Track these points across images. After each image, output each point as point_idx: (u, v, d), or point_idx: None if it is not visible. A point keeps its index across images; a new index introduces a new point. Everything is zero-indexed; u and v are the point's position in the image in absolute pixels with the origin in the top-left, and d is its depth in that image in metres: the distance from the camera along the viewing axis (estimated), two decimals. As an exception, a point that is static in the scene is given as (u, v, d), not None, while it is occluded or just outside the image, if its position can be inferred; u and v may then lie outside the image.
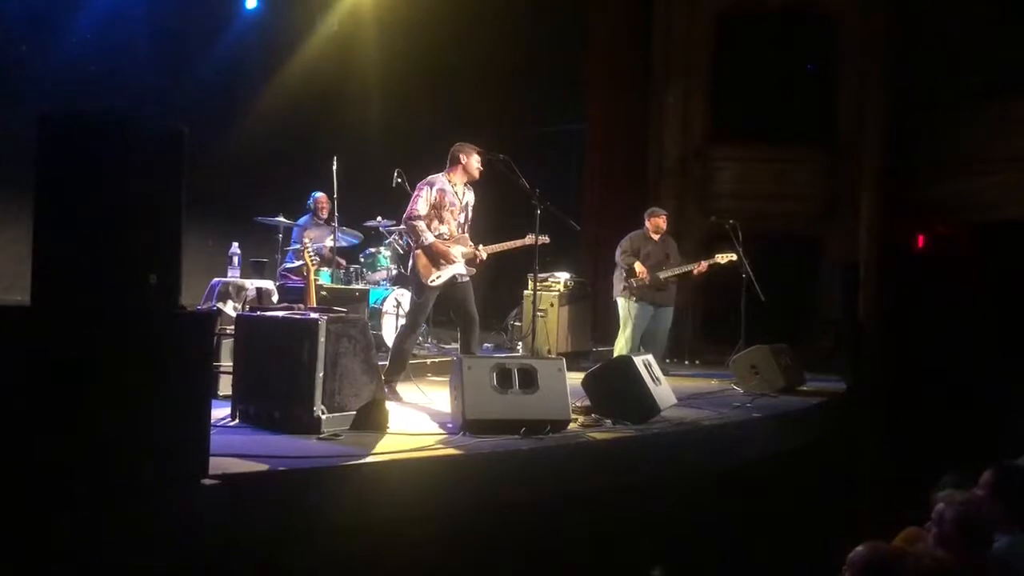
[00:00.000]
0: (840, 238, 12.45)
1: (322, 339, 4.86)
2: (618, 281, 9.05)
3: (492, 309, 10.65)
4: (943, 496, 3.69)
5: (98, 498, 3.14)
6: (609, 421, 5.79)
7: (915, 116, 12.19)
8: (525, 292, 9.57)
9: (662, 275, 8.92)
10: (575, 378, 5.92)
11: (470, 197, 6.70)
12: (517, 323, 10.38)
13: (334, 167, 8.24)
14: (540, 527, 4.79)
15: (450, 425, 5.39)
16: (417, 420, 5.68)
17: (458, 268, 6.54)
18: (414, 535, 4.18)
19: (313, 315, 5.06)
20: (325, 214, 9.21)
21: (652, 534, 5.39)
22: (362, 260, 9.46)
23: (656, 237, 9.14)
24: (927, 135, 12.11)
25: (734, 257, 9.03)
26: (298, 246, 8.77)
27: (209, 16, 10.20)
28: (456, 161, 6.57)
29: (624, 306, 8.96)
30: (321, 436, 4.74)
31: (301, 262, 8.28)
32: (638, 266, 8.88)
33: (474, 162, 6.57)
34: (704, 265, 8.98)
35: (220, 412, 4.97)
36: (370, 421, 5.07)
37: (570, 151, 13.55)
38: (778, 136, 12.40)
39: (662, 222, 9.16)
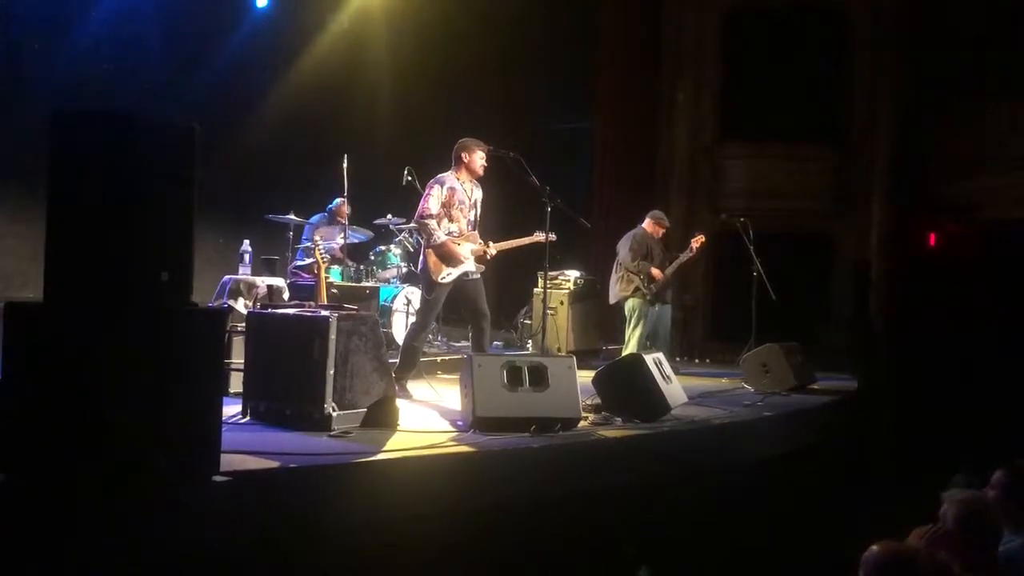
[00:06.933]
0: (851, 236, 12.41)
1: (333, 336, 4.87)
2: (625, 283, 8.95)
3: (502, 307, 10.64)
4: (947, 495, 3.68)
5: (109, 495, 3.15)
6: (619, 419, 5.79)
7: (927, 114, 12.14)
8: (535, 290, 9.56)
9: (668, 272, 8.90)
10: (585, 376, 5.92)
11: (479, 194, 6.64)
12: (527, 321, 10.39)
13: (345, 165, 8.24)
14: (550, 525, 4.79)
15: (460, 423, 5.39)
16: (427, 418, 5.68)
17: (468, 266, 6.52)
18: (424, 532, 4.18)
19: (324, 313, 5.07)
20: (344, 220, 9.15)
21: (661, 532, 5.39)
22: (372, 258, 9.47)
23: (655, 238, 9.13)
24: (939, 133, 12.06)
25: (702, 238, 8.97)
26: (309, 244, 8.78)
27: (220, 14, 10.22)
28: (459, 160, 6.50)
29: (633, 306, 8.91)
30: (332, 433, 4.75)
31: (312, 260, 8.29)
32: (655, 271, 8.84)
33: (477, 159, 6.46)
34: (694, 247, 8.92)
35: (231, 409, 4.97)
36: (380, 418, 5.08)
37: (580, 149, 13.54)
38: (789, 134, 12.36)
39: (662, 229, 9.14)
